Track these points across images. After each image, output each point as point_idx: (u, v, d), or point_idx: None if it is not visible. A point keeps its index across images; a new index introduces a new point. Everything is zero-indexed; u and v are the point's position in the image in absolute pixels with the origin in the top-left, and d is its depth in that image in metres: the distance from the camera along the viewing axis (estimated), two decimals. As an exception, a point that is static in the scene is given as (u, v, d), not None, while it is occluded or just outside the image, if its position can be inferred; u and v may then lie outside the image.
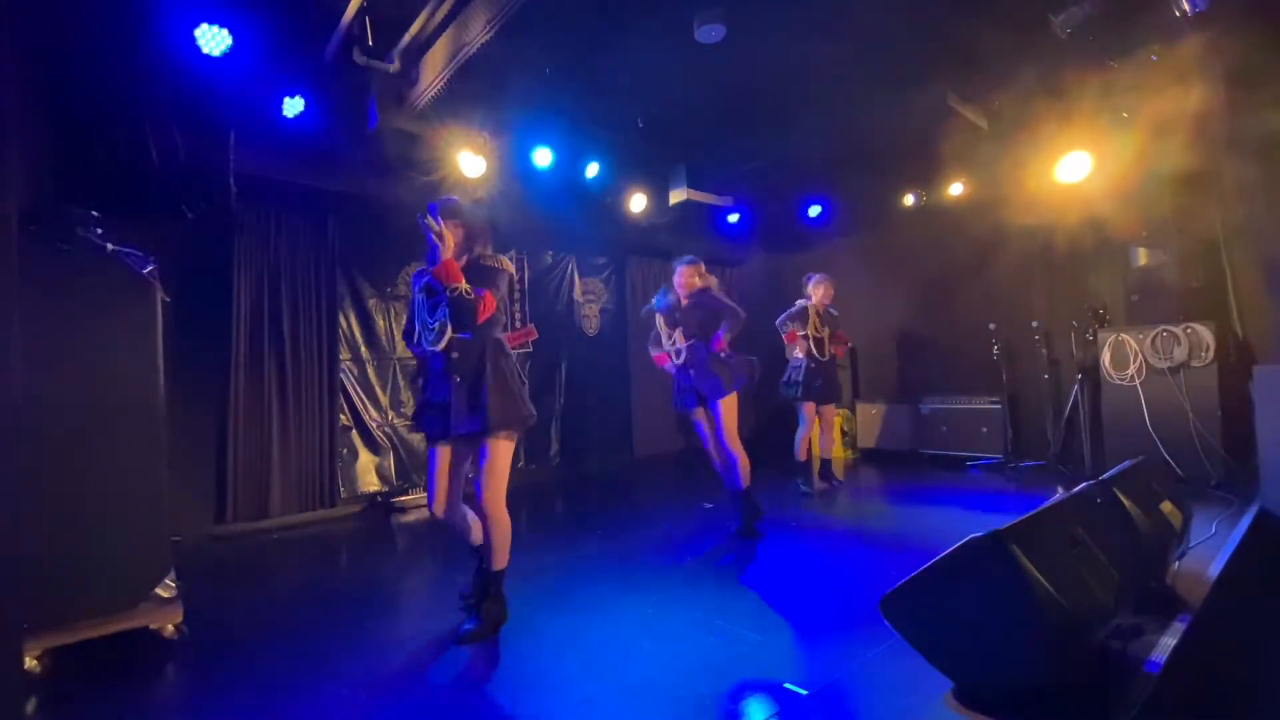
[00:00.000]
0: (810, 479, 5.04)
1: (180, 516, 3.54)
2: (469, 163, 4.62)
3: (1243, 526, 3.03)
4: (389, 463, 5.29)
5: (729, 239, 7.25)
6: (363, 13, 3.61)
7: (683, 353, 3.81)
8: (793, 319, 5.04)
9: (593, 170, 5.43)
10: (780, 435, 6.07)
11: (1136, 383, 4.60)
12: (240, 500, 4.48)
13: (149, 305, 2.56)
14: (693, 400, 3.82)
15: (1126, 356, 4.66)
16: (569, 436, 6.48)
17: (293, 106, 4.02)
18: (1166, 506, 2.52)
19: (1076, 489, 2.25)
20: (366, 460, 5.19)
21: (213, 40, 3.46)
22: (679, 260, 3.92)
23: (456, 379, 2.41)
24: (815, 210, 6.84)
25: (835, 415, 5.50)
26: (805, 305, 5.05)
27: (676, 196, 6.02)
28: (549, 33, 3.62)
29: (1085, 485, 2.28)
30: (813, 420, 5.01)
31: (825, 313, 5.07)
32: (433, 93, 3.88)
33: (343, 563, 4.03)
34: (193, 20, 3.40)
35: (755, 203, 6.77)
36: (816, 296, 5.05)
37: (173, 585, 2.52)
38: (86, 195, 2.86)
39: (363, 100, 4.14)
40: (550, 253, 6.60)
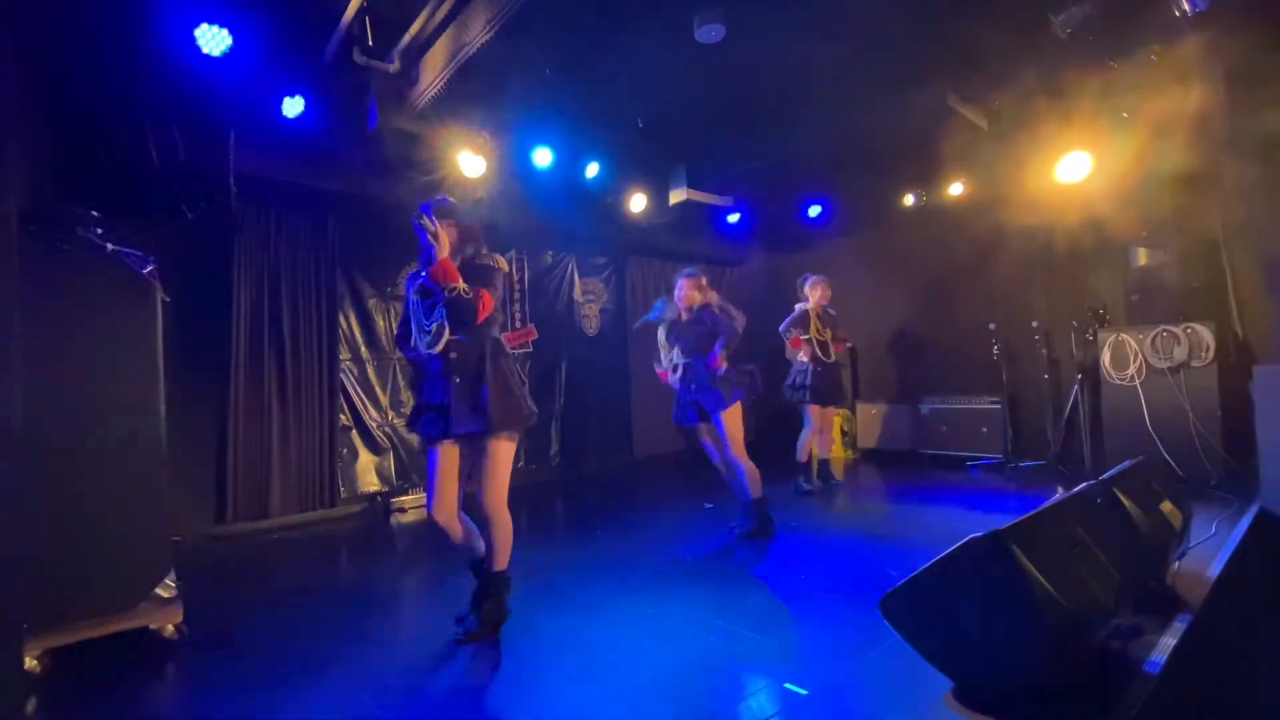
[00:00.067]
0: (811, 479, 5.04)
1: (180, 516, 3.54)
2: (469, 163, 4.62)
3: (1243, 526, 3.02)
4: (389, 463, 5.29)
5: (729, 239, 7.24)
6: (363, 13, 3.61)
7: (680, 369, 3.82)
8: (795, 324, 5.03)
9: (593, 170, 5.43)
10: (780, 436, 6.07)
11: (1136, 383, 4.60)
12: (240, 500, 4.49)
13: (149, 305, 2.56)
14: (694, 415, 3.83)
15: (1126, 356, 4.66)
16: (569, 436, 6.48)
17: (293, 106, 4.02)
18: (1166, 506, 2.52)
19: (1076, 489, 2.25)
20: (366, 460, 5.20)
21: (213, 40, 3.46)
22: (680, 273, 3.92)
23: (456, 380, 2.38)
24: (815, 210, 6.83)
25: (835, 415, 5.50)
26: (805, 309, 5.05)
27: (676, 196, 6.02)
28: (549, 33, 3.62)
29: (1085, 485, 2.28)
30: (819, 422, 5.01)
31: (824, 313, 5.07)
32: (433, 93, 3.88)
33: (343, 563, 4.03)
34: (193, 20, 3.40)
35: (755, 203, 6.77)
36: (814, 298, 5.05)
37: (173, 585, 2.52)
38: (86, 195, 2.86)
39: (363, 100, 4.14)
40: (550, 253, 6.60)
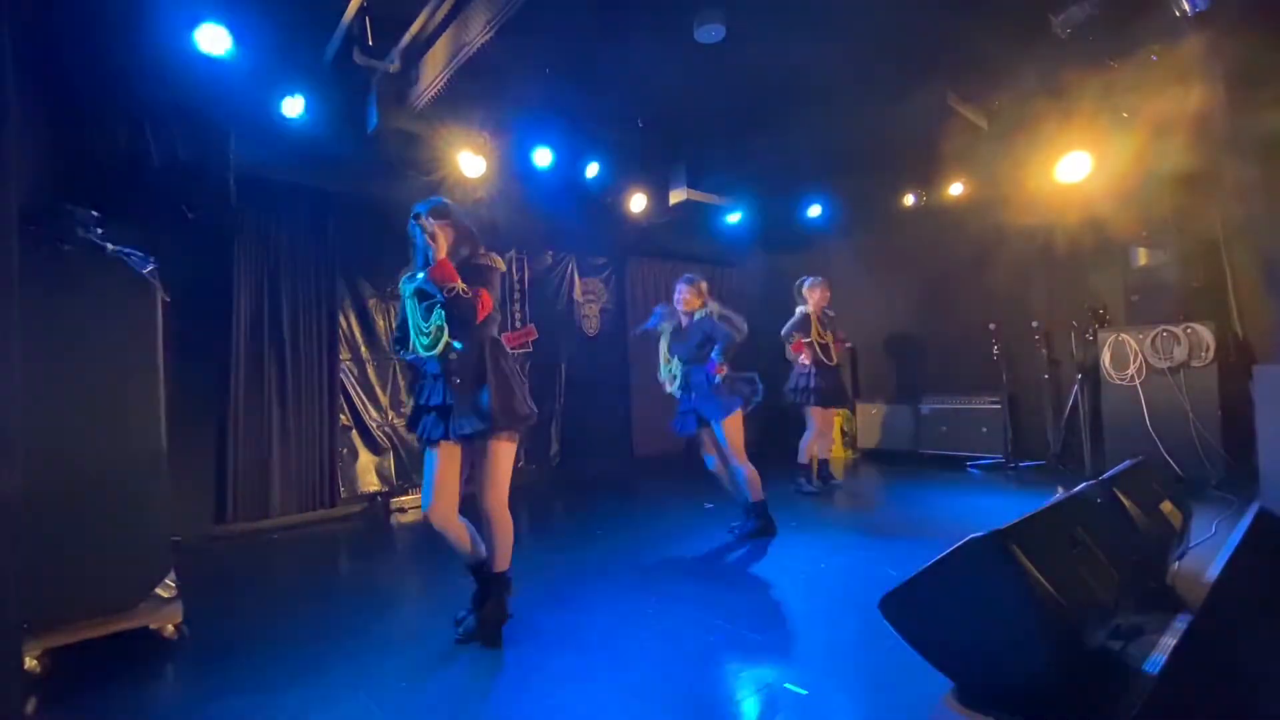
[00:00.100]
0: (812, 481, 5.04)
1: (180, 516, 3.53)
2: (469, 163, 4.62)
3: (1243, 526, 3.03)
4: (389, 463, 5.29)
5: (729, 239, 7.23)
6: (363, 13, 3.62)
7: (677, 377, 3.82)
8: (796, 328, 5.01)
9: (593, 170, 5.43)
10: (780, 437, 6.07)
11: (1136, 383, 4.60)
12: (240, 500, 4.48)
13: (149, 305, 2.55)
14: (693, 423, 3.82)
15: (1126, 356, 4.66)
16: (569, 436, 6.48)
17: (293, 106, 4.01)
18: (1166, 506, 2.51)
19: (1076, 489, 2.25)
20: (366, 460, 5.19)
21: (213, 40, 3.46)
22: (680, 279, 3.90)
23: (456, 381, 2.37)
24: (815, 210, 6.83)
25: (835, 416, 5.50)
26: (805, 312, 5.03)
27: (676, 196, 6.02)
28: (549, 33, 3.62)
29: (1085, 485, 2.28)
30: (821, 425, 5.00)
31: (823, 315, 5.06)
32: (433, 93, 3.88)
33: (343, 563, 4.03)
34: (193, 20, 3.41)
35: (755, 203, 6.77)
36: (813, 300, 5.03)
37: (173, 585, 2.52)
38: (86, 195, 2.86)
39: (363, 100, 4.15)
40: (550, 253, 6.59)
